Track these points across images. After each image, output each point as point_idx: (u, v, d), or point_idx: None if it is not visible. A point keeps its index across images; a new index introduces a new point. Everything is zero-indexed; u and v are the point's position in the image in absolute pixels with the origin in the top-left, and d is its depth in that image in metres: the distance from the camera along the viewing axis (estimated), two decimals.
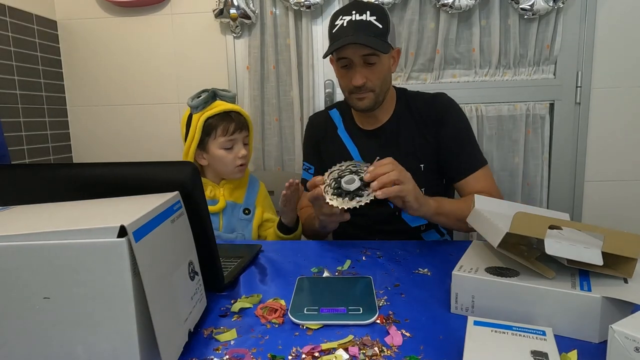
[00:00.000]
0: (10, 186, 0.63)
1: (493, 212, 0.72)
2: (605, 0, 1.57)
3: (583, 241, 0.59)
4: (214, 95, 1.13)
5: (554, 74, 1.64)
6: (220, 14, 1.64)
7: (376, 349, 0.53)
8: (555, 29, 1.59)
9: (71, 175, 0.65)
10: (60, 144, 1.78)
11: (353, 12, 1.03)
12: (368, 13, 1.02)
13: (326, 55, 1.06)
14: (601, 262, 0.56)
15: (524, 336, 0.48)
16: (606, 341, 0.42)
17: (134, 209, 0.48)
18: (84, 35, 1.77)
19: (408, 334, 0.57)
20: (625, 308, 0.54)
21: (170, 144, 1.81)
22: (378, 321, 0.60)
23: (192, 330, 0.56)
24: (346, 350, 0.53)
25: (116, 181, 0.62)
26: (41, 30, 1.68)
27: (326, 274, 0.79)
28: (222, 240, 1.08)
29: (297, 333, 0.58)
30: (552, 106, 1.66)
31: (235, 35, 1.70)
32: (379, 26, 1.02)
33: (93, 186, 0.62)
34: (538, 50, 1.62)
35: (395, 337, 0.56)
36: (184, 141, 1.16)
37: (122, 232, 0.43)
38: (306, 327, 0.59)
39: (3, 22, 1.49)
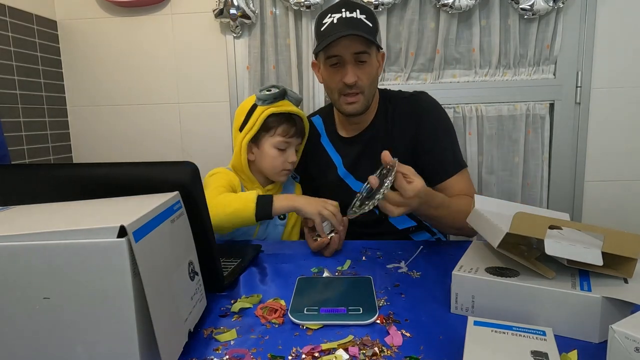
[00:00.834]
0: (10, 186, 0.63)
1: (493, 212, 0.72)
2: (605, 0, 1.57)
3: (583, 241, 0.59)
4: (284, 93, 1.11)
5: (554, 74, 1.64)
6: (220, 14, 1.64)
7: (376, 349, 0.53)
8: (555, 29, 1.59)
9: (71, 175, 0.65)
10: (60, 144, 1.78)
11: (343, 10, 1.02)
12: (358, 11, 1.02)
13: (318, 50, 1.04)
14: (601, 262, 0.56)
15: (524, 336, 0.48)
16: (606, 341, 0.42)
17: (134, 209, 0.48)
18: (84, 35, 1.77)
19: (408, 334, 0.57)
20: (625, 308, 0.54)
21: (170, 144, 1.81)
22: (378, 321, 0.60)
23: (192, 330, 0.56)
24: (346, 350, 0.53)
25: (116, 181, 0.62)
26: (41, 30, 1.68)
27: (326, 274, 0.79)
28: (222, 240, 1.08)
29: (297, 333, 0.58)
30: (552, 106, 1.66)
31: (235, 35, 1.70)
32: (370, 25, 1.02)
33: (93, 186, 0.62)
34: (538, 50, 1.62)
35: (395, 337, 0.56)
36: (238, 130, 1.12)
37: (122, 232, 0.43)
38: (306, 327, 0.59)
39: (3, 22, 1.49)
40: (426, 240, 1.14)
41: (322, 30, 1.03)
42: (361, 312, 0.61)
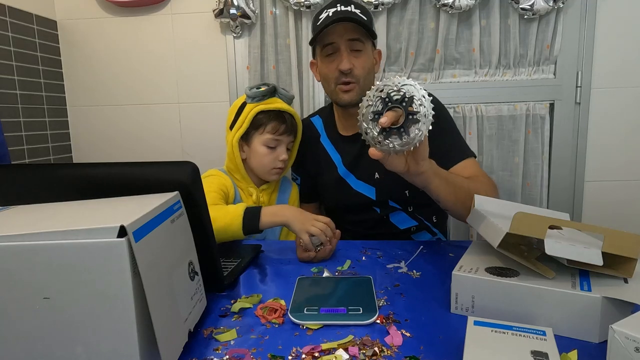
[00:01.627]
0: (10, 186, 0.63)
1: (493, 212, 0.72)
2: (605, 0, 1.57)
3: (583, 241, 0.59)
4: (274, 90, 1.11)
5: (554, 74, 1.64)
6: (220, 14, 1.64)
7: (376, 349, 0.53)
8: (555, 29, 1.59)
9: (71, 175, 0.65)
10: (60, 144, 1.78)
11: (338, 5, 1.06)
12: (352, 6, 1.06)
13: (313, 38, 1.07)
14: (601, 262, 0.56)
15: (524, 336, 0.48)
16: (606, 341, 0.42)
17: (134, 209, 0.48)
18: (84, 35, 1.77)
19: (408, 334, 0.57)
20: (625, 308, 0.54)
21: (170, 144, 1.81)
22: (378, 321, 0.60)
23: (192, 330, 0.56)
24: (346, 350, 0.53)
25: (116, 181, 0.62)
26: (41, 30, 1.68)
27: (326, 274, 0.79)
28: None
29: (297, 333, 0.58)
30: (552, 106, 1.66)
31: (235, 35, 1.70)
32: (364, 18, 1.06)
33: (93, 186, 0.62)
34: (538, 50, 1.62)
35: (395, 337, 0.56)
36: (229, 128, 1.13)
37: (122, 232, 0.43)
38: (306, 327, 0.59)
39: (3, 22, 1.49)
40: (434, 241, 1.14)
41: (318, 24, 1.07)
42: (361, 312, 0.61)
